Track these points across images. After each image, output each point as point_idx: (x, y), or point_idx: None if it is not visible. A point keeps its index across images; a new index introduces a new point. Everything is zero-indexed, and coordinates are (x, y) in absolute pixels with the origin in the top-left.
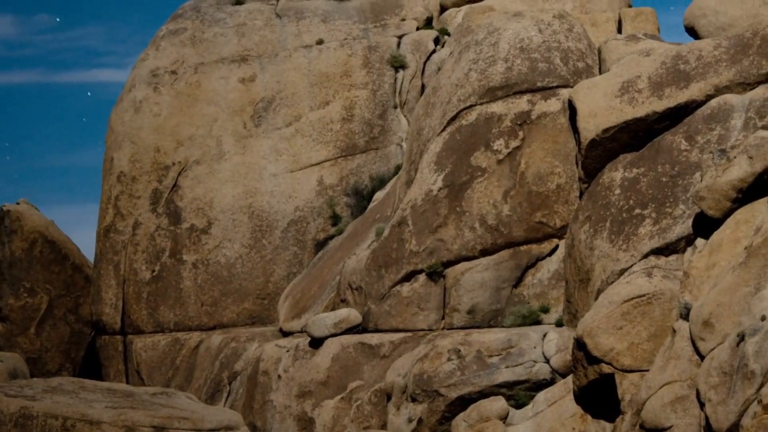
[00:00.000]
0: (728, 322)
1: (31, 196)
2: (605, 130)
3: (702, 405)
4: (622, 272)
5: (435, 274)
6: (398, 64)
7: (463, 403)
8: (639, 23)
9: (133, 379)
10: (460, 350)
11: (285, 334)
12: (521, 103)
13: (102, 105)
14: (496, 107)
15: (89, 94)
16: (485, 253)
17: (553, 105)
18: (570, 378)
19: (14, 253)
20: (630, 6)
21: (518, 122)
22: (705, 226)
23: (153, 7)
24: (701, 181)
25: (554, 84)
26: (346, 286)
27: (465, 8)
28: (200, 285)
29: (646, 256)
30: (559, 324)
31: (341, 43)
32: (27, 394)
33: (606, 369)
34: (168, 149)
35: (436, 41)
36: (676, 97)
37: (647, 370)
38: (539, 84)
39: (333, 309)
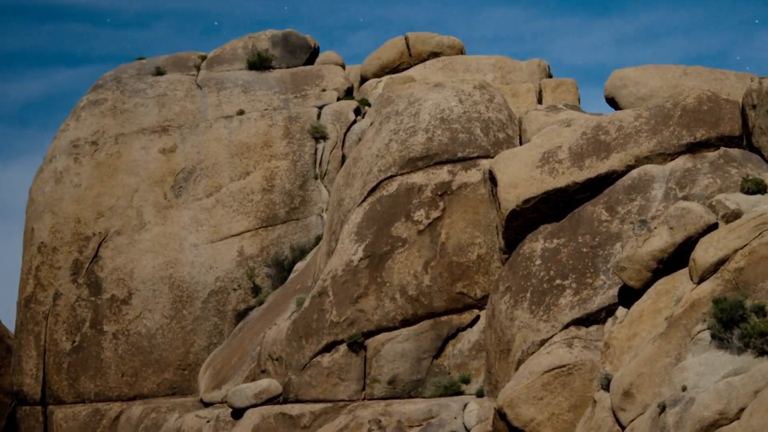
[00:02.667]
0: (649, 393)
1: None
2: (526, 201)
3: None
4: (542, 343)
5: (355, 345)
6: (319, 135)
7: None
8: (560, 94)
9: None
10: (380, 421)
11: (206, 404)
12: (442, 174)
13: None
14: (417, 178)
15: None
16: (406, 323)
17: (474, 175)
18: None
19: None
20: (550, 77)
21: (439, 193)
22: (626, 296)
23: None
24: (622, 251)
25: (475, 154)
26: (267, 356)
27: (385, 79)
28: (121, 355)
29: (566, 326)
30: (479, 394)
31: (262, 113)
32: None
33: None
34: (88, 220)
35: (357, 112)
36: (596, 168)
37: None
38: (460, 154)
39: (254, 379)
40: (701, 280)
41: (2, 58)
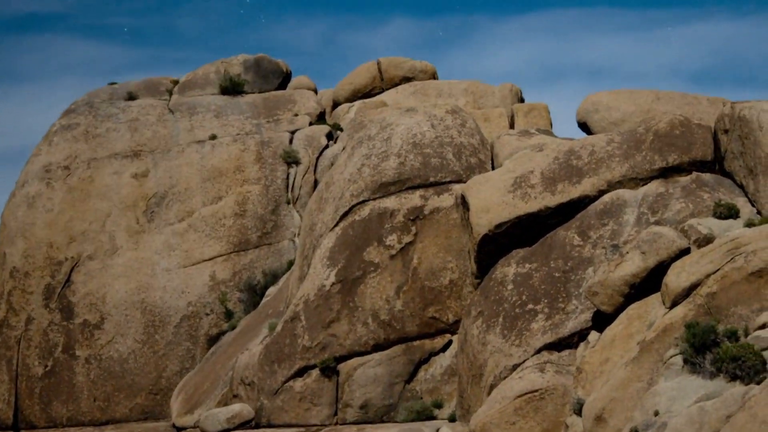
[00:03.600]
0: (621, 417)
1: None
2: (498, 226)
3: None
4: (514, 367)
5: (328, 370)
6: (291, 160)
7: None
8: (532, 118)
9: None
10: None
11: (178, 429)
12: (414, 199)
13: None
14: (389, 202)
15: None
16: (378, 348)
17: (446, 200)
18: None
19: None
20: (522, 101)
21: (411, 217)
22: (600, 320)
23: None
24: (594, 276)
25: (447, 179)
26: (239, 381)
27: (358, 103)
28: (93, 380)
29: (538, 351)
30: (452, 419)
31: (234, 138)
32: None
33: None
34: (61, 244)
35: (329, 136)
36: (568, 193)
37: None
38: (432, 179)
39: (226, 404)
40: (673, 304)
41: None
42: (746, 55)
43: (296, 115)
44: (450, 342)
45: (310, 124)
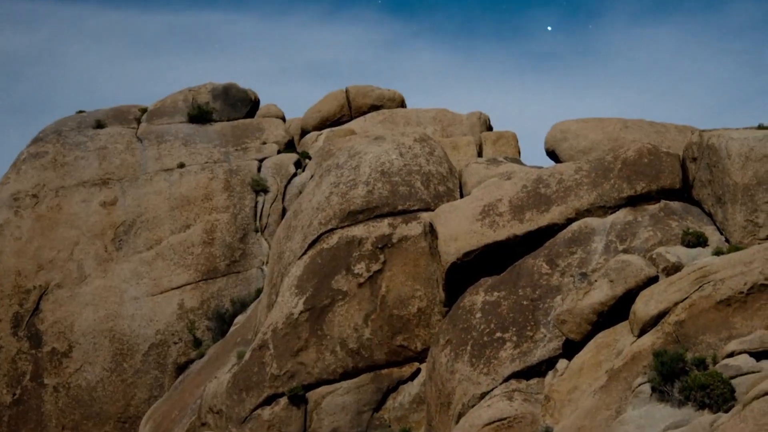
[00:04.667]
0: None
1: None
2: (466, 254)
3: None
4: (483, 396)
5: (296, 398)
6: (259, 188)
7: None
8: (500, 146)
9: None
10: None
11: None
12: (382, 227)
13: None
14: (358, 231)
15: None
16: (346, 376)
17: (414, 228)
18: None
19: None
20: (491, 129)
21: (379, 246)
22: (570, 348)
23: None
24: (562, 304)
25: (415, 207)
26: (207, 409)
27: (326, 132)
28: (61, 408)
29: (507, 379)
30: None
31: (202, 166)
32: None
33: None
34: (29, 273)
35: (297, 165)
36: (537, 221)
37: None
38: (400, 207)
39: None
40: (642, 332)
41: None
42: None
43: (264, 143)
44: (418, 370)
45: (279, 152)
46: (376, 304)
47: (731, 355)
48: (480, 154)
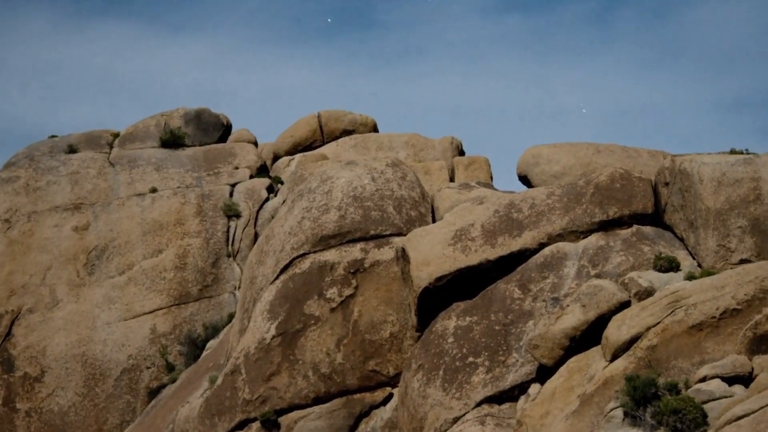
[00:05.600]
0: None
1: None
2: (438, 279)
3: None
4: (455, 420)
5: (268, 423)
6: (231, 213)
7: None
8: (472, 171)
9: None
10: None
11: None
12: (354, 252)
13: None
14: (330, 255)
15: None
16: (318, 401)
17: (387, 253)
18: None
19: None
20: (463, 154)
21: (351, 270)
22: (543, 373)
23: None
24: (534, 329)
25: (387, 232)
26: None
27: (298, 156)
28: None
29: (479, 404)
30: None
31: (174, 191)
32: None
33: None
34: (1, 297)
35: (270, 189)
36: (509, 246)
37: None
38: (372, 232)
39: None
40: (614, 357)
41: None
42: None
43: (237, 168)
44: (391, 395)
45: (251, 177)
46: (349, 329)
47: (703, 379)
48: (452, 179)
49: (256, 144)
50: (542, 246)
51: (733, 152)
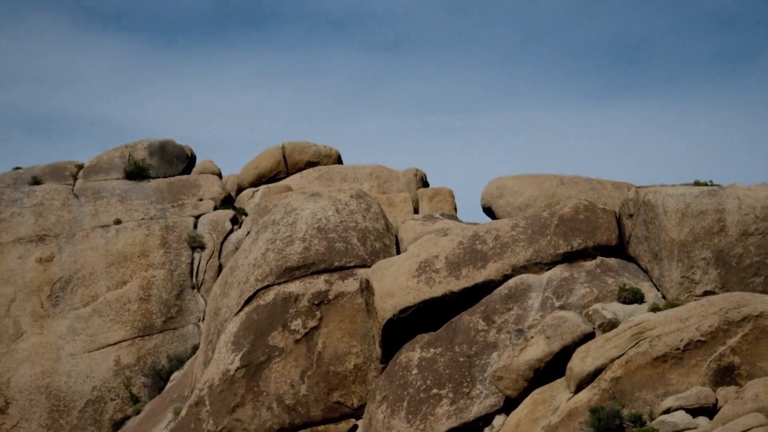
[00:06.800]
0: None
1: None
2: (402, 310)
3: None
4: None
5: None
6: (195, 244)
7: None
8: (436, 203)
9: None
10: None
11: None
12: (319, 283)
13: None
14: (294, 287)
15: None
16: None
17: (351, 285)
18: None
19: None
20: (427, 185)
21: (316, 302)
22: (504, 405)
23: None
24: (499, 361)
25: (351, 264)
26: None
27: (262, 188)
28: None
29: None
30: None
31: (139, 223)
32: None
33: None
34: None
35: (234, 221)
36: (473, 277)
37: None
38: (337, 264)
39: None
40: (578, 389)
41: None
42: None
43: (201, 199)
44: (355, 426)
45: (215, 208)
46: (313, 361)
47: (668, 411)
48: (416, 211)
49: (220, 175)
50: (506, 277)
51: (697, 184)
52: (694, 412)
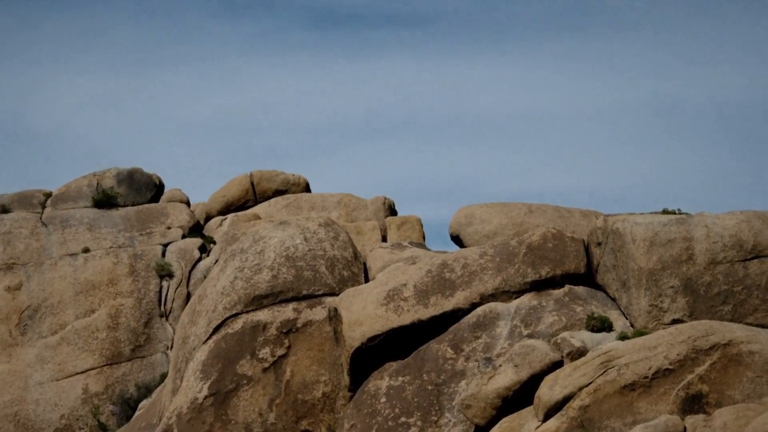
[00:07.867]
0: None
1: None
2: (371, 339)
3: None
4: None
5: None
6: (164, 272)
7: None
8: (404, 231)
9: None
10: None
11: None
12: (287, 312)
13: None
14: (262, 315)
15: None
16: None
17: (319, 313)
18: None
19: None
20: (395, 213)
21: (284, 330)
22: None
23: None
24: (467, 389)
25: (320, 292)
26: None
27: (230, 216)
28: None
29: None
30: None
31: (107, 251)
32: None
33: None
34: None
35: (202, 249)
36: (441, 306)
37: None
38: (305, 292)
39: None
40: (546, 417)
41: None
42: None
43: (169, 227)
44: None
45: (183, 236)
46: (281, 389)
47: None
48: (385, 239)
49: (188, 204)
50: (474, 306)
51: (665, 212)
52: None
